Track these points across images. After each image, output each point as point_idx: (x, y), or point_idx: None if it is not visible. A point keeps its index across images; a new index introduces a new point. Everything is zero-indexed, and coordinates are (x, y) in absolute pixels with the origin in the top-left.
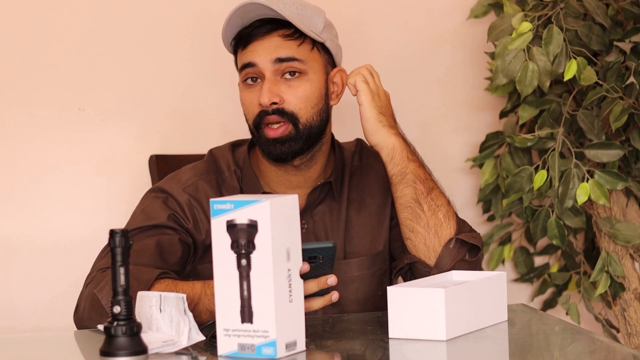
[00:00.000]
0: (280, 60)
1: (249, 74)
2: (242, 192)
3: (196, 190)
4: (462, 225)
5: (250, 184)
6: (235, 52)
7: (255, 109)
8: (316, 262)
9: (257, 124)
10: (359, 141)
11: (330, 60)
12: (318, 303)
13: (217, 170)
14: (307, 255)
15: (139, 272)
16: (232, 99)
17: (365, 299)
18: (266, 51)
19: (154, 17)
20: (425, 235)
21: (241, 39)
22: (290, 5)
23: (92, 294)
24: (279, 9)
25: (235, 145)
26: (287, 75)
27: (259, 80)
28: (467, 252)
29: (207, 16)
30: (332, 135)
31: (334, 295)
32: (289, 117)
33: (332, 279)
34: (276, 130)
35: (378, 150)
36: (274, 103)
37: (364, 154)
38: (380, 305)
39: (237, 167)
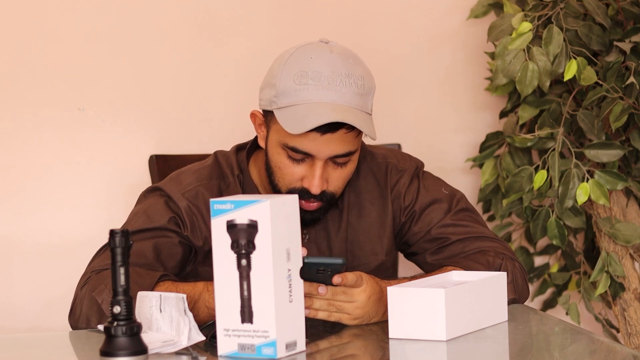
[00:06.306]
0: (338, 156)
1: (298, 157)
2: None
3: (196, 196)
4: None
5: (249, 191)
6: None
7: (296, 183)
8: (324, 274)
9: (292, 193)
10: None
11: None
12: (322, 315)
13: (221, 175)
14: (316, 268)
15: (139, 276)
16: (231, 99)
17: None
18: (327, 149)
19: (154, 17)
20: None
21: None
22: (351, 85)
23: (90, 297)
24: (351, 109)
25: (239, 148)
26: (338, 160)
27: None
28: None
29: (208, 16)
30: None
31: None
32: (328, 197)
33: (322, 289)
34: (311, 204)
35: None
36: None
37: (360, 155)
38: None
39: (240, 172)
